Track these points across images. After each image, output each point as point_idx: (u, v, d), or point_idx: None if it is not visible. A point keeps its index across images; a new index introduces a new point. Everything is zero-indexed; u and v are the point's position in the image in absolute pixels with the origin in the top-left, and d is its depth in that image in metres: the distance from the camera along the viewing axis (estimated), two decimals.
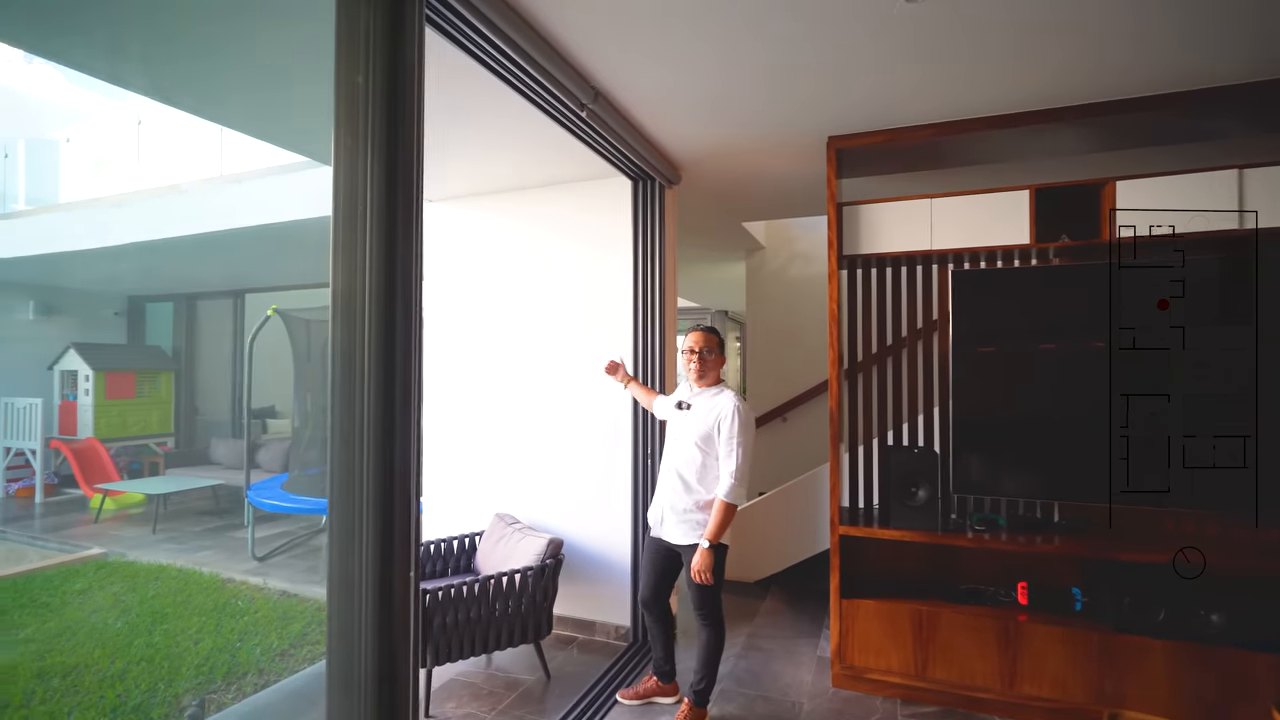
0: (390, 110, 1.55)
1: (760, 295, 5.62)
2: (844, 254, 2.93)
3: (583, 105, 2.38)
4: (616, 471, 3.42)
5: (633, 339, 3.37)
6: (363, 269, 1.55)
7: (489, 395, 3.78)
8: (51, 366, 7.76)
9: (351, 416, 1.52)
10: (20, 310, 7.86)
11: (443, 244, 3.97)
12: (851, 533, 2.82)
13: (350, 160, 1.54)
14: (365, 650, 1.51)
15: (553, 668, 3.13)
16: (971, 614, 2.64)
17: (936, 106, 2.63)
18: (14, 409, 7.30)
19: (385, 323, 1.53)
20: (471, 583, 2.77)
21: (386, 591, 1.54)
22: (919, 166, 3.23)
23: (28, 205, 7.58)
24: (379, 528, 1.53)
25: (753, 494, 5.53)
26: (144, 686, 3.00)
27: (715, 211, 4.31)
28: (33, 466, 7.22)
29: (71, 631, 3.65)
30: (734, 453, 2.39)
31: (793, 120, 2.75)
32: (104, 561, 5.01)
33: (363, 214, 1.55)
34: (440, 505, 3.92)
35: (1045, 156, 3.12)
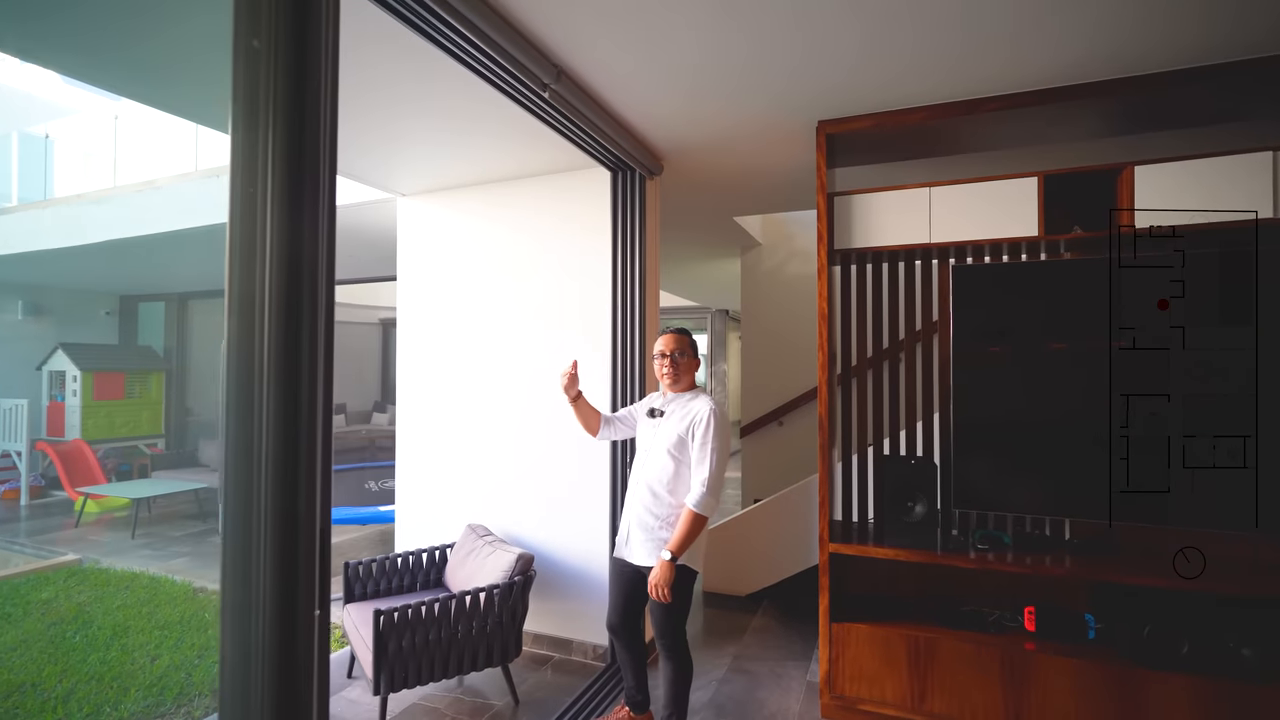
0: (294, 81, 1.35)
1: (756, 294, 5.40)
2: (835, 248, 2.71)
3: (544, 85, 2.17)
4: (593, 482, 3.21)
5: (611, 339, 3.17)
6: (261, 257, 1.34)
7: (462, 399, 3.59)
8: (39, 367, 7.65)
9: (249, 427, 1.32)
10: (9, 310, 7.77)
11: (413, 242, 3.78)
12: (843, 550, 2.60)
13: (249, 134, 1.34)
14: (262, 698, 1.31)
15: (525, 690, 2.93)
16: (974, 641, 2.41)
17: (932, 86, 2.40)
18: (0, 410, 7.19)
19: (286, 317, 1.33)
20: (431, 602, 2.57)
21: (288, 631, 1.33)
22: (915, 154, 3.00)
23: (19, 202, 7.48)
24: (278, 552, 1.32)
25: (747, 501, 5.32)
26: (88, 710, 2.82)
27: (704, 205, 4.10)
28: (18, 468, 7.11)
29: (27, 645, 3.49)
30: (707, 459, 2.18)
31: (778, 102, 2.54)
32: (77, 568, 4.86)
33: (262, 194, 1.35)
34: (414, 514, 3.73)
35: (1053, 142, 2.88)
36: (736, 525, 4.04)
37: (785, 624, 3.63)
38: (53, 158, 7.46)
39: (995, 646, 2.38)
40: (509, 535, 3.39)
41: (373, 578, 3.09)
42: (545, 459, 3.34)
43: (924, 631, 2.48)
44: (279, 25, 1.35)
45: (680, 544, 2.13)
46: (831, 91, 2.45)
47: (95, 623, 3.77)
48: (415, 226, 3.78)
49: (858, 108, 2.58)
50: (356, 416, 10.65)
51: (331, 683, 3.02)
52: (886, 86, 2.41)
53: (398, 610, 2.49)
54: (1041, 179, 2.44)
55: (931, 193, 2.58)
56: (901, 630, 2.51)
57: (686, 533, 2.13)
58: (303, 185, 1.34)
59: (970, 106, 2.49)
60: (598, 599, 3.19)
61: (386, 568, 3.14)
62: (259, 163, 1.33)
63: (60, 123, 7.62)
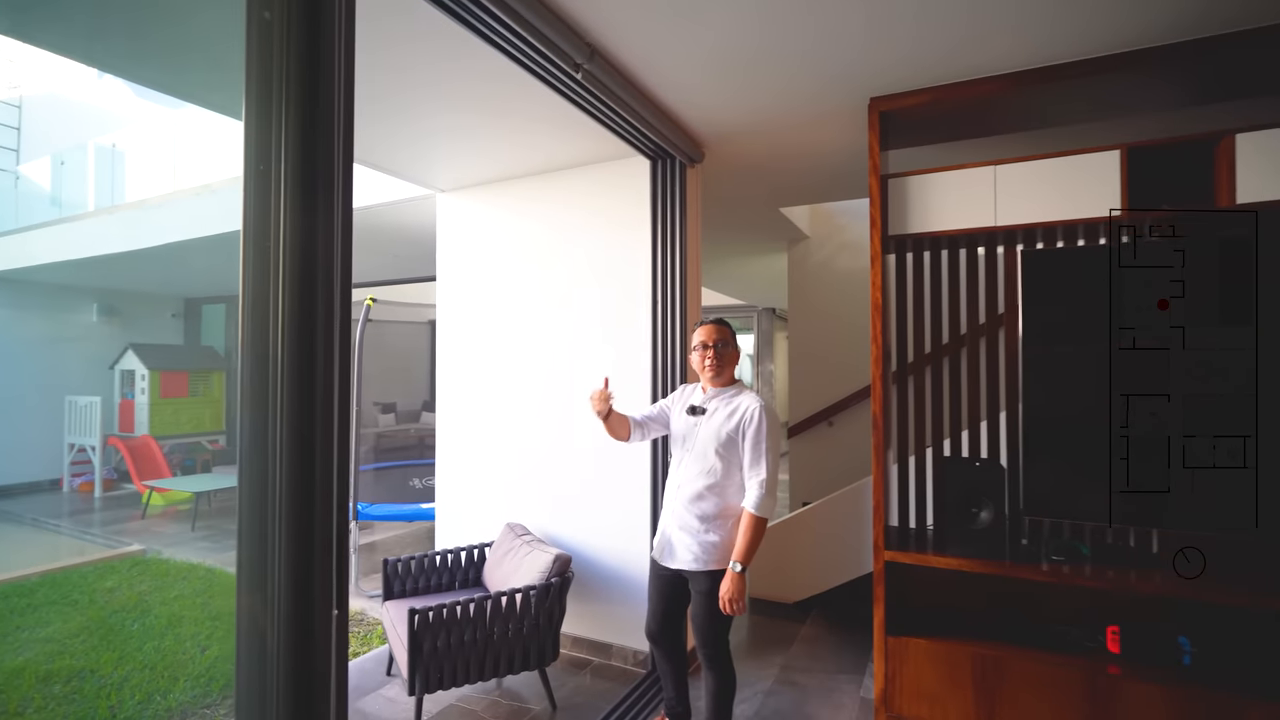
0: (308, 55, 1.28)
1: (804, 288, 5.19)
2: (889, 234, 2.53)
3: (577, 66, 2.08)
4: (633, 481, 3.10)
5: (651, 336, 3.05)
6: (276, 248, 1.28)
7: (500, 396, 3.54)
8: (112, 366, 8.07)
9: (263, 426, 1.26)
10: (84, 311, 8.22)
11: (451, 239, 3.76)
12: (899, 559, 2.41)
13: (262, 107, 1.28)
14: (278, 702, 1.25)
15: (563, 695, 2.84)
16: (1048, 662, 2.19)
17: (998, 54, 2.19)
18: (76, 407, 7.61)
19: (301, 313, 1.27)
20: (466, 602, 2.51)
21: (305, 633, 1.27)
22: (976, 131, 2.77)
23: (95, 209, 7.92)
24: (292, 551, 1.26)
25: (795, 504, 5.12)
26: (139, 698, 2.88)
27: (748, 196, 3.94)
28: (93, 463, 7.51)
29: (89, 632, 3.61)
30: (762, 459, 2.06)
31: (828, 78, 2.37)
32: (140, 558, 5.05)
33: (276, 181, 1.29)
34: (454, 512, 3.71)
35: (1134, 113, 2.61)
36: (784, 529, 3.86)
37: (836, 634, 3.44)
38: (123, 166, 7.86)
39: (1074, 669, 2.15)
40: (547, 535, 3.32)
41: (411, 575, 3.06)
42: (584, 457, 3.25)
43: (991, 649, 2.27)
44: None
45: (747, 552, 2.01)
46: (885, 65, 2.27)
47: (153, 612, 3.89)
48: (453, 223, 3.75)
49: (913, 81, 2.39)
50: (406, 415, 10.86)
51: (371, 680, 3.01)
52: (946, 57, 2.21)
53: (433, 610, 2.44)
54: (1125, 152, 2.20)
55: (997, 171, 2.37)
56: (966, 647, 2.31)
57: (751, 539, 2.02)
58: (316, 159, 1.28)
59: (1043, 75, 2.27)
60: (638, 602, 3.08)
61: (425, 566, 3.11)
62: (272, 138, 1.27)
63: (126, 132, 8.02)
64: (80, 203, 7.91)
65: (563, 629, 3.11)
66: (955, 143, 2.88)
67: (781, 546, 3.86)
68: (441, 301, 3.80)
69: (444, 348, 3.78)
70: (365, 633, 3.68)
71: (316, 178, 1.28)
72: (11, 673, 3.09)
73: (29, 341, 7.83)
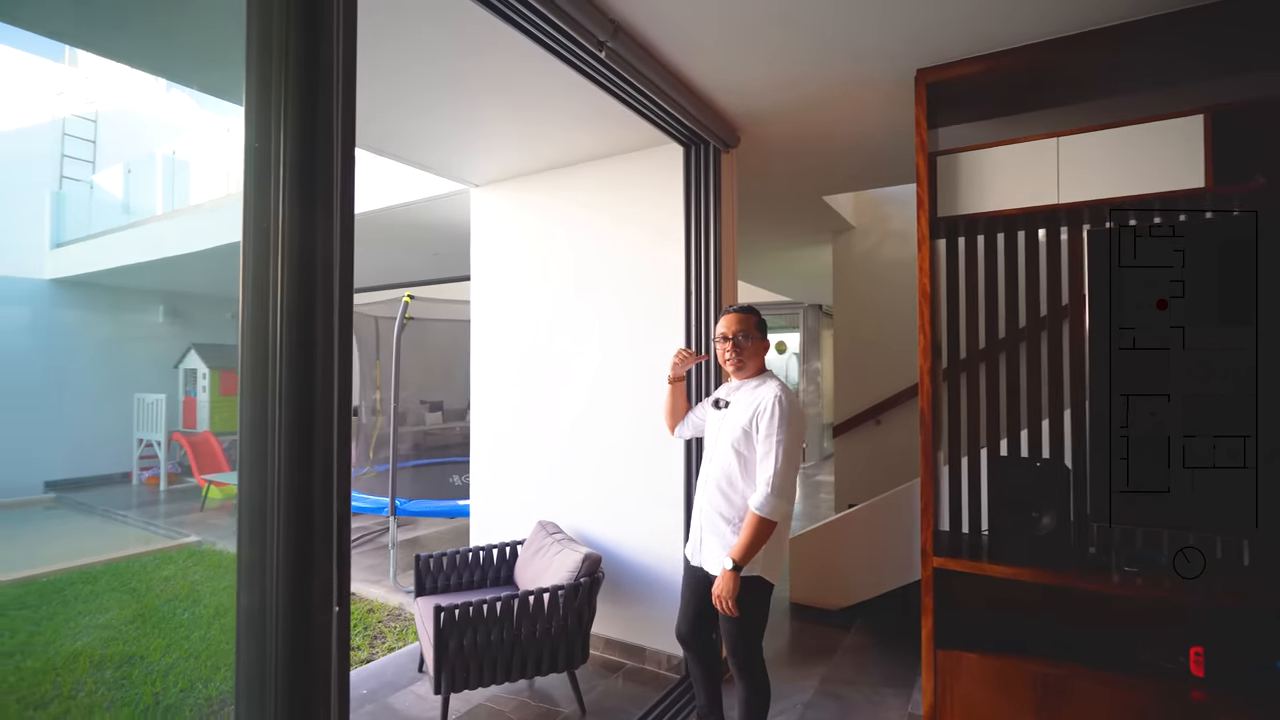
0: (309, 35, 1.24)
1: (849, 281, 4.98)
2: (939, 216, 2.34)
3: (600, 44, 1.99)
4: (666, 479, 3.00)
5: (685, 328, 2.94)
6: (274, 238, 1.24)
7: (533, 394, 3.49)
8: (176, 365, 8.46)
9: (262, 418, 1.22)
10: (152, 313, 8.65)
11: (484, 234, 3.73)
12: (950, 565, 2.23)
13: (262, 103, 1.24)
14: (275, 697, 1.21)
15: (592, 699, 2.77)
16: (1120, 684, 1.98)
17: (1056, 16, 2.00)
18: (144, 404, 8.00)
19: (301, 305, 1.22)
20: (493, 601, 2.46)
21: (303, 633, 1.22)
22: (1032, 104, 2.54)
23: (161, 214, 8.33)
24: (292, 547, 1.21)
25: (840, 506, 4.91)
26: (183, 685, 2.96)
27: (788, 183, 3.78)
28: (159, 457, 7.88)
29: (143, 619, 3.75)
30: (771, 453, 1.91)
31: (870, 49, 2.21)
32: (196, 549, 5.25)
33: (275, 168, 1.25)
34: (487, 509, 3.68)
35: (1216, 76, 2.34)
36: (828, 532, 3.69)
37: (883, 645, 3.26)
38: (187, 173, 8.25)
39: (1151, 693, 1.93)
40: (579, 533, 3.25)
41: (443, 572, 3.04)
42: (616, 454, 3.17)
43: (1054, 668, 2.07)
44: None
45: (743, 551, 1.88)
46: (932, 31, 2.10)
47: (202, 601, 4.01)
48: (487, 218, 3.73)
49: (963, 49, 2.21)
50: (453, 414, 11.02)
51: (403, 676, 3.00)
52: (1000, 20, 2.03)
53: (459, 607, 2.40)
54: (1209, 117, 1.97)
55: (1060, 144, 2.17)
56: (1025, 664, 2.11)
57: (749, 538, 1.88)
58: (316, 144, 1.23)
59: (1110, 36, 2.05)
60: (671, 605, 2.97)
61: (457, 562, 3.09)
62: (273, 124, 1.23)
63: (187, 139, 8.39)
64: (148, 208, 8.33)
65: (595, 631, 3.04)
66: (1010, 117, 2.66)
67: (826, 550, 3.68)
68: (476, 297, 3.78)
69: (478, 344, 3.76)
70: (402, 628, 3.69)
71: (315, 160, 1.24)
72: (69, 657, 3.21)
73: (102, 342, 8.28)
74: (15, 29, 1.85)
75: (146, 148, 8.98)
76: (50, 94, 9.18)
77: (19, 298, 7.78)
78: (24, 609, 3.86)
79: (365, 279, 7.16)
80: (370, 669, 3.09)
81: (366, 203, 4.52)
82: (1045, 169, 2.19)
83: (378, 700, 2.79)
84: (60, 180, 8.88)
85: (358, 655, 3.31)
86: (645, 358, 3.08)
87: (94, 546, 5.58)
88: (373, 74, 2.34)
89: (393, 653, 3.30)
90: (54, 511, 7.23)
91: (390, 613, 3.91)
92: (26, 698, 2.83)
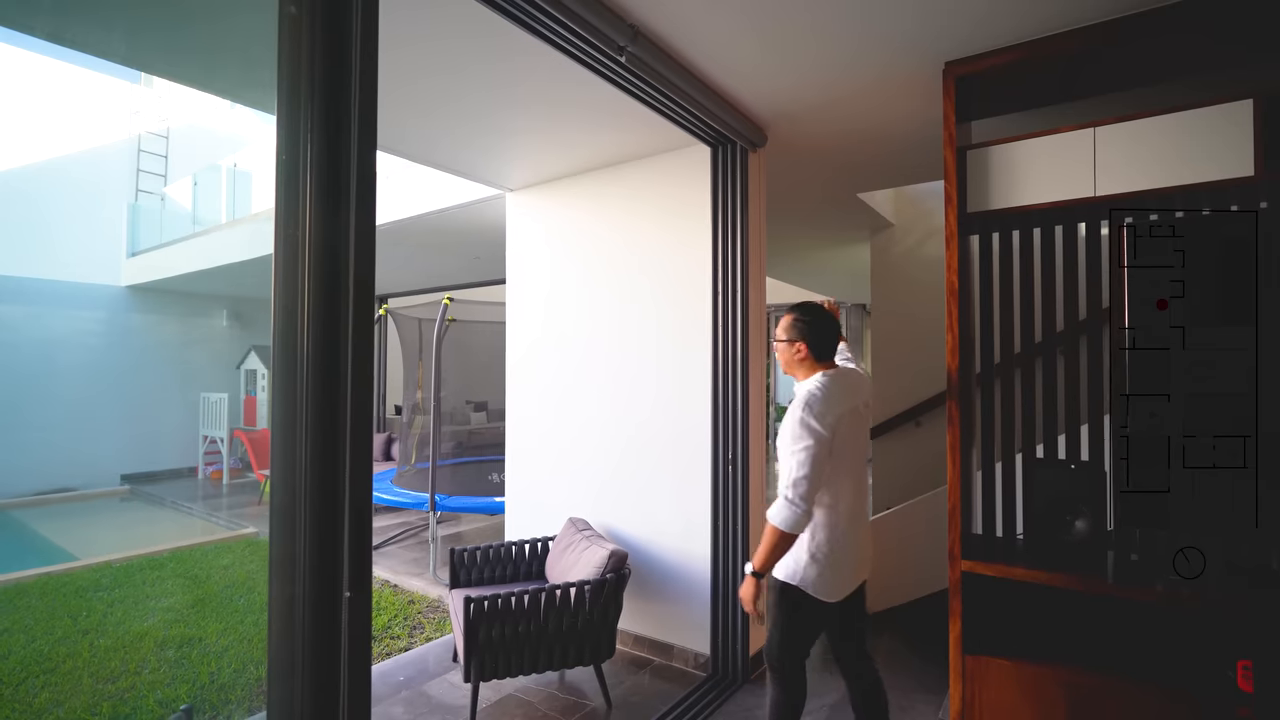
0: (332, 49, 1.32)
1: (888, 280, 4.88)
2: (968, 211, 2.29)
3: (620, 49, 2.03)
4: (694, 479, 3.01)
5: (712, 329, 2.95)
6: (302, 246, 1.33)
7: (567, 392, 3.56)
8: (238, 366, 8.93)
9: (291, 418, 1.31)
10: (216, 316, 9.16)
11: (518, 237, 3.83)
12: (979, 569, 2.18)
13: (291, 113, 1.33)
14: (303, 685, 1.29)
15: (620, 694, 2.81)
16: (1159, 695, 1.89)
17: (1088, 2, 1.93)
18: (208, 402, 8.49)
19: (326, 309, 1.31)
20: (520, 594, 2.52)
21: (327, 618, 1.30)
22: (1066, 95, 2.45)
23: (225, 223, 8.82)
24: (317, 544, 1.30)
25: (879, 508, 4.81)
26: (235, 667, 3.14)
27: (819, 182, 3.74)
28: (222, 453, 8.34)
29: (204, 604, 3.98)
30: (789, 464, 1.82)
31: (897, 43, 2.19)
32: (254, 540, 5.54)
33: (303, 175, 1.34)
34: (521, 506, 3.77)
35: (1265, 58, 2.21)
36: None
37: (917, 650, 3.18)
38: (249, 183, 8.71)
39: (1193, 708, 1.84)
40: (608, 530, 3.30)
41: (477, 565, 3.14)
42: (645, 453, 3.20)
43: (1090, 678, 2.00)
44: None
45: (759, 557, 1.85)
46: (960, 21, 2.06)
47: (257, 589, 4.24)
48: (521, 221, 3.82)
49: (994, 39, 2.16)
50: (496, 414, 11.29)
51: (440, 665, 3.11)
52: (1030, 7, 1.97)
53: (487, 599, 2.48)
54: (1259, 102, 1.86)
55: (1096, 134, 2.09)
56: (1060, 672, 2.04)
57: (764, 547, 1.83)
58: (339, 148, 1.31)
59: (1146, 21, 1.97)
60: (699, 602, 2.99)
61: (490, 556, 3.18)
62: (301, 133, 1.32)
63: (249, 151, 8.86)
64: (213, 218, 8.83)
65: (624, 627, 3.09)
66: (1043, 109, 2.57)
67: None
68: (511, 299, 3.88)
69: (513, 345, 3.86)
70: (440, 619, 3.82)
71: (339, 168, 1.32)
72: (137, 636, 3.45)
73: (171, 344, 8.82)
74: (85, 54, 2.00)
75: (212, 161, 9.53)
76: (127, 113, 9.83)
77: (99, 303, 8.37)
78: (100, 591, 4.16)
79: (408, 283, 7.43)
80: (408, 657, 3.22)
81: (408, 209, 4.70)
82: (1081, 161, 2.12)
83: (413, 687, 2.90)
84: (136, 193, 9.51)
85: (397, 644, 3.44)
86: (674, 358, 3.10)
87: (162, 535, 5.96)
88: (406, 82, 2.45)
89: (430, 642, 3.42)
90: (128, 502, 7.75)
91: (430, 604, 4.04)
92: (98, 672, 3.06)
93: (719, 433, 2.92)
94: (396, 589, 4.31)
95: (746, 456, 2.89)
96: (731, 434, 2.89)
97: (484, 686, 2.69)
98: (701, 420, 2.98)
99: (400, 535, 5.59)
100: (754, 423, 2.91)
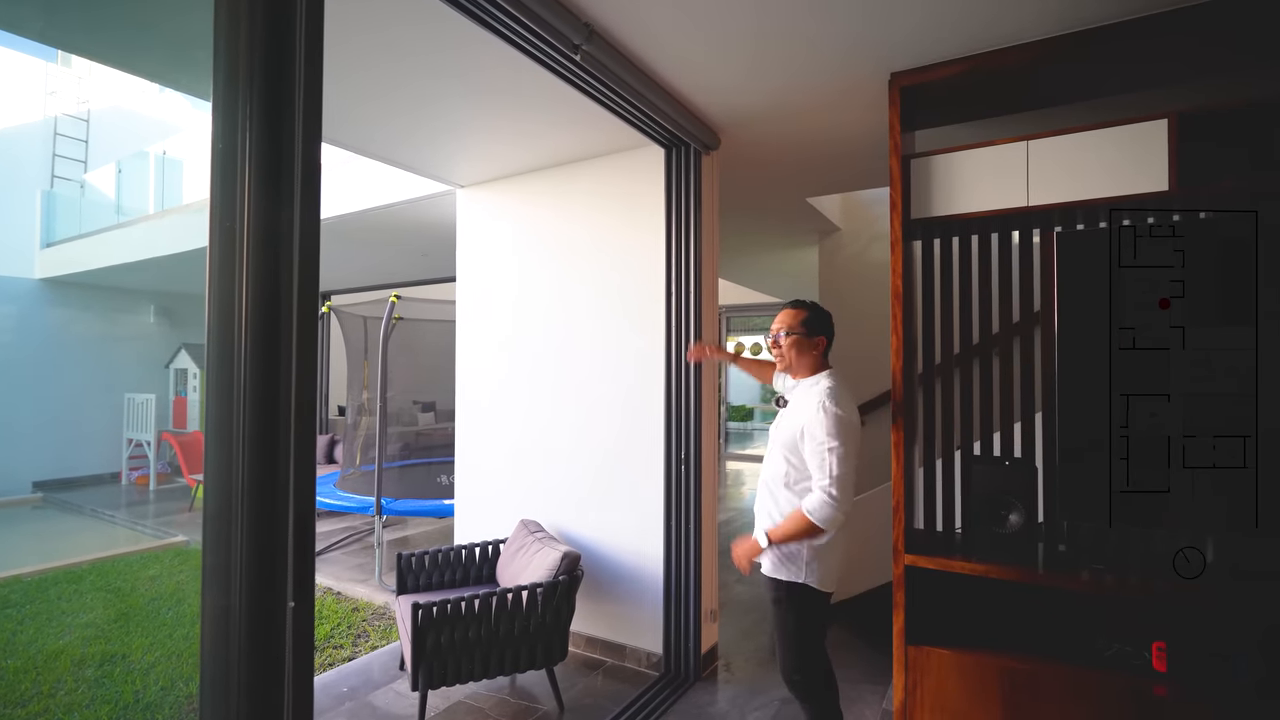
0: (275, 29, 1.26)
1: (835, 283, 5.01)
2: (912, 217, 2.38)
3: (575, 47, 2.02)
4: (647, 480, 3.02)
5: (665, 329, 2.97)
6: (240, 238, 1.27)
7: (518, 393, 3.51)
8: (167, 365, 8.45)
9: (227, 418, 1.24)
10: (143, 313, 8.64)
11: (469, 235, 3.76)
12: (921, 563, 2.26)
13: (229, 98, 1.27)
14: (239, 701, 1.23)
15: (572, 696, 2.79)
16: (1086, 679, 2.01)
17: (1027, 20, 2.03)
18: (134, 403, 7.99)
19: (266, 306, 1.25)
20: (471, 598, 2.47)
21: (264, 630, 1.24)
22: (1007, 108, 2.58)
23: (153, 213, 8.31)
24: (255, 552, 1.24)
25: None
26: (163, 684, 2.96)
27: (770, 185, 3.81)
28: (148, 457, 7.87)
29: (127, 618, 3.75)
30: (826, 462, 1.84)
31: (845, 54, 2.25)
32: (183, 549, 5.25)
33: (242, 164, 1.27)
34: (472, 508, 3.70)
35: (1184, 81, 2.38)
36: None
37: (867, 640, 3.29)
38: (179, 172, 8.24)
39: (1115, 687, 1.96)
40: (561, 532, 3.27)
41: (425, 570, 3.06)
42: (597, 454, 3.19)
43: (1022, 663, 2.10)
44: None
45: (780, 534, 1.89)
46: (905, 35, 2.13)
47: (186, 601, 4.01)
48: (472, 219, 3.75)
49: (938, 52, 2.24)
50: (445, 414, 11.03)
51: (385, 674, 3.02)
52: (972, 23, 2.06)
53: (436, 604, 2.42)
54: (1174, 120, 2.00)
55: (1030, 147, 2.20)
56: (995, 660, 2.14)
57: (790, 529, 1.88)
58: (282, 140, 1.25)
59: (1077, 41, 2.09)
60: (651, 603, 3.00)
61: (439, 561, 3.10)
62: (239, 120, 1.25)
63: (180, 139, 8.40)
64: (140, 208, 8.32)
65: (576, 628, 3.06)
66: (985, 120, 2.69)
67: None
68: (461, 298, 3.80)
69: (463, 344, 3.78)
70: (386, 626, 3.70)
71: (281, 158, 1.26)
72: (51, 655, 3.22)
73: (92, 341, 8.27)
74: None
75: (138, 147, 8.98)
76: (43, 94, 9.17)
77: (8, 297, 7.77)
78: (7, 608, 3.86)
79: (355, 280, 7.18)
80: (352, 667, 3.11)
81: (354, 203, 4.54)
82: (1015, 172, 2.22)
83: (358, 698, 2.80)
84: (51, 179, 8.87)
85: (340, 654, 3.32)
86: (627, 357, 3.10)
87: (80, 546, 5.58)
88: (344, 70, 2.36)
89: (375, 651, 3.31)
90: (41, 511, 7.21)
91: (375, 611, 3.92)
92: (5, 696, 2.83)
93: (672, 432, 2.94)
94: (340, 596, 4.16)
95: (699, 455, 2.91)
96: (684, 433, 2.91)
97: (432, 694, 2.62)
98: (655, 419, 2.99)
99: (344, 540, 5.39)
100: (707, 422, 2.94)
